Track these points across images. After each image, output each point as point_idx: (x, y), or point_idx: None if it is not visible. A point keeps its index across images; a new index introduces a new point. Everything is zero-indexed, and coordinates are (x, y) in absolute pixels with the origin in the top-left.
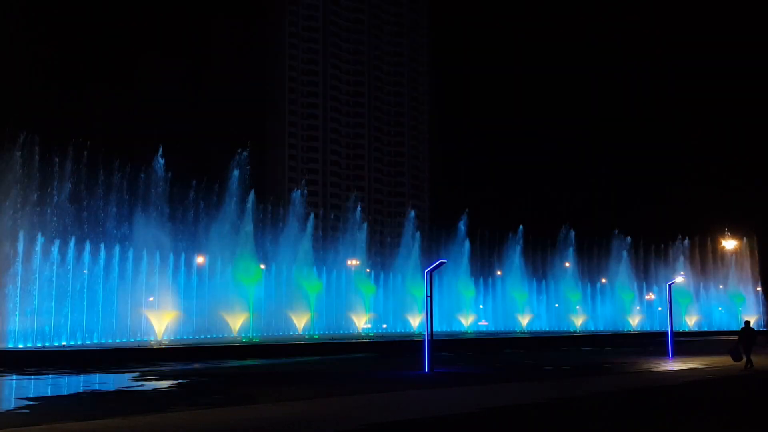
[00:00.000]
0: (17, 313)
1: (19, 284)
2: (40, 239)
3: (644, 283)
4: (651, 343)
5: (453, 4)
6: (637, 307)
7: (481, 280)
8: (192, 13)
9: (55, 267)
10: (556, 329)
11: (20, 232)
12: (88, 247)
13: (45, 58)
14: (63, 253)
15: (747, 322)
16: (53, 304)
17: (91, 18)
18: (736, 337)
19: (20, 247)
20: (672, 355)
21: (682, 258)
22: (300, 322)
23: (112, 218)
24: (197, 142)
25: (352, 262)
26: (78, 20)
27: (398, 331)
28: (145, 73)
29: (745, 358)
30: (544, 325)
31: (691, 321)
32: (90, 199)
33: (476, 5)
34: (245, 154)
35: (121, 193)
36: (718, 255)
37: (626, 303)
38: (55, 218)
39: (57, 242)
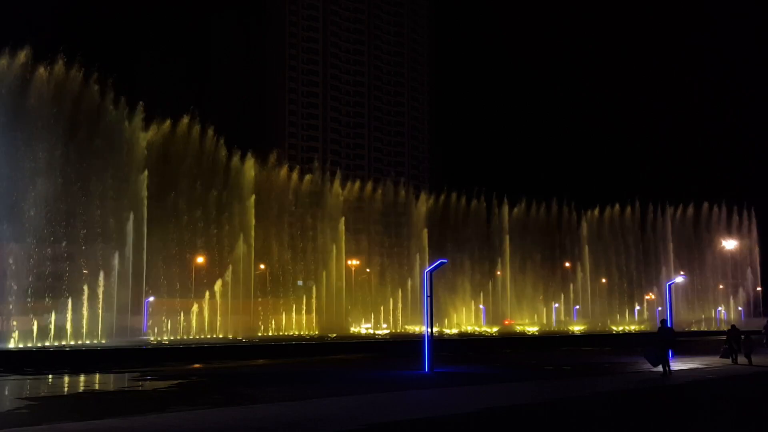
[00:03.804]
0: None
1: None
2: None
3: (643, 283)
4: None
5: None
6: (638, 307)
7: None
8: (191, 9)
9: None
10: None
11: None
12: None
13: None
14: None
15: (663, 321)
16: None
17: (91, 19)
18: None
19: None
20: (672, 355)
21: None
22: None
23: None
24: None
25: (352, 263)
26: (77, 21)
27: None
28: (143, 71)
29: (662, 365)
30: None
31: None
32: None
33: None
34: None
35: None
36: (718, 254)
37: (626, 303)
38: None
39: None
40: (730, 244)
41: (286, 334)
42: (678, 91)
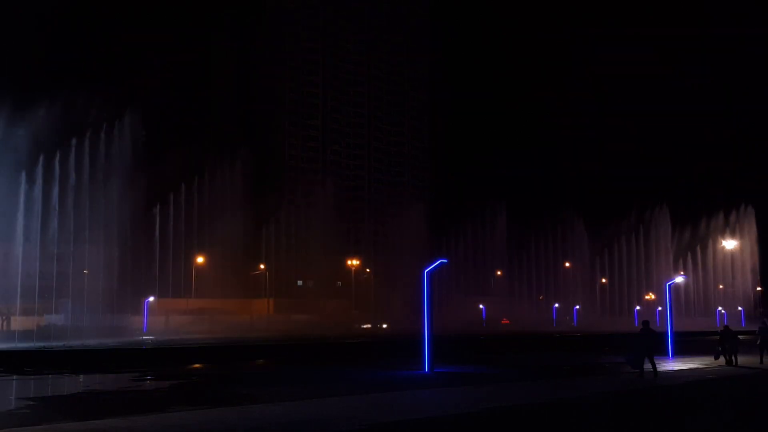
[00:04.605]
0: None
1: (19, 283)
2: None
3: (644, 282)
4: None
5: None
6: (637, 307)
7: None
8: (188, 15)
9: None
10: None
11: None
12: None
13: (43, 60)
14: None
15: (645, 322)
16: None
17: (90, 20)
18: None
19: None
20: (672, 355)
21: (681, 257)
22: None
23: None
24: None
25: (352, 263)
26: (76, 22)
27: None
28: (140, 75)
29: (651, 365)
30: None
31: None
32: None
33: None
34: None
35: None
36: (718, 254)
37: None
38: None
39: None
40: (729, 244)
41: (285, 333)
42: (678, 89)
